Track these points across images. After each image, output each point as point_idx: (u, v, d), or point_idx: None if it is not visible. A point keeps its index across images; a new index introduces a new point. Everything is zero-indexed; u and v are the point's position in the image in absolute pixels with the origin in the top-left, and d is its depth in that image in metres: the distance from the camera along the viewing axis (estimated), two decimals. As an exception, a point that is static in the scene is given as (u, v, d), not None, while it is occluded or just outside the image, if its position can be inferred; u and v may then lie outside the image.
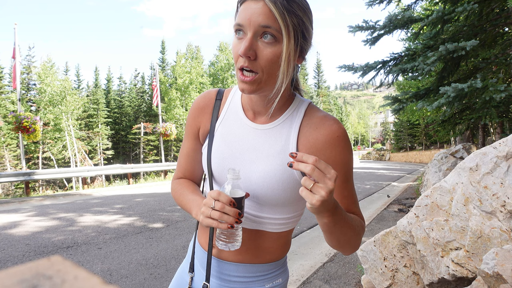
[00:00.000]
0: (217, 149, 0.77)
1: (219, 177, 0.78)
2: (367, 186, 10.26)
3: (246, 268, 0.79)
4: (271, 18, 0.61)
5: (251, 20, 0.62)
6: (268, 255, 0.79)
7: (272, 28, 0.61)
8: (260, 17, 0.61)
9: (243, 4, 0.64)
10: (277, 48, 0.63)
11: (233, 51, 0.67)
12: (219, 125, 0.79)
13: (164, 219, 5.20)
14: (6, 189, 20.67)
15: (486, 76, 5.16)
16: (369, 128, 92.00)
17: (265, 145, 0.73)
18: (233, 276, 0.79)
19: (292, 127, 0.73)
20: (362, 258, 2.35)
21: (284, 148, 0.72)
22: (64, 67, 38.01)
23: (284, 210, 0.75)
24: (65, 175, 10.84)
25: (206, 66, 30.46)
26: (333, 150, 0.70)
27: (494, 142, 1.75)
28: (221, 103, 0.81)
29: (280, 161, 0.71)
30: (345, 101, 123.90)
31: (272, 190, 0.71)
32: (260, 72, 0.65)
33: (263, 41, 0.63)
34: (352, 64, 5.80)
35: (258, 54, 0.63)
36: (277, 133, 0.73)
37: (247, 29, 0.63)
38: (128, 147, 37.30)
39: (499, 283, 1.29)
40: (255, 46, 0.63)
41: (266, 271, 0.80)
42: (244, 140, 0.75)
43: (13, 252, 3.59)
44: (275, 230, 0.77)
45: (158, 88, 15.34)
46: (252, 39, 0.63)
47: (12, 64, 10.74)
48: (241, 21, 0.63)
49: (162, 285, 2.75)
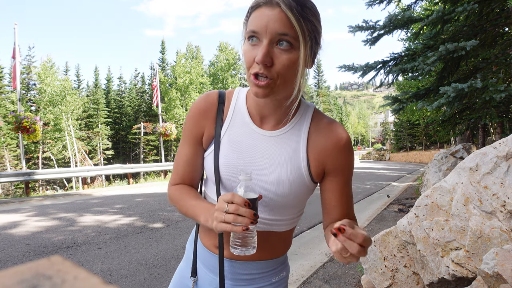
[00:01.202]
0: (226, 156, 0.76)
1: (228, 183, 0.76)
2: (367, 186, 10.26)
3: (254, 265, 0.81)
4: (288, 25, 0.61)
5: (267, 27, 0.61)
6: (274, 252, 0.83)
7: (289, 36, 0.62)
8: (277, 24, 0.61)
9: (256, 10, 0.63)
10: (293, 55, 0.64)
11: (245, 56, 0.66)
12: (225, 131, 0.77)
13: (164, 219, 5.20)
14: (6, 189, 20.68)
15: (486, 76, 5.16)
16: (369, 128, 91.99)
17: (276, 152, 0.74)
18: (241, 274, 0.81)
19: (301, 133, 0.75)
20: (362, 258, 2.35)
21: (294, 154, 0.74)
22: (64, 67, 37.97)
23: (291, 211, 0.79)
24: (65, 175, 10.85)
25: (206, 66, 30.48)
26: (340, 156, 0.74)
27: (494, 142, 1.75)
28: (225, 107, 0.79)
29: (292, 167, 0.73)
30: (345, 101, 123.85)
31: (284, 194, 0.74)
32: (275, 77, 0.65)
33: (279, 47, 0.63)
34: (352, 64, 5.80)
35: (274, 60, 0.63)
36: (287, 140, 0.74)
37: (263, 36, 0.62)
38: (128, 147, 37.30)
39: (499, 283, 1.29)
40: (272, 53, 0.63)
41: (272, 267, 0.83)
42: (254, 148, 0.75)
43: (13, 252, 3.59)
44: (282, 229, 0.80)
45: (158, 88, 15.34)
46: (268, 46, 0.62)
47: (12, 64, 10.74)
48: (256, 28, 0.63)
49: (162, 285, 2.75)
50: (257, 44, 0.64)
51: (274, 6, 0.61)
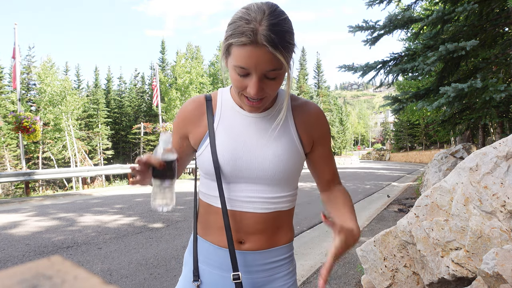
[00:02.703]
0: (223, 143, 0.79)
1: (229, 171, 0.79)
2: (367, 186, 10.26)
3: (268, 254, 0.82)
4: (276, 61, 0.67)
5: (257, 66, 0.67)
6: (283, 236, 0.85)
7: (277, 69, 0.68)
8: (266, 64, 0.66)
9: (241, 48, 0.66)
10: (281, 78, 0.72)
11: (233, 82, 0.72)
12: (218, 122, 0.82)
13: (164, 219, 5.20)
14: (6, 189, 20.67)
15: (486, 76, 5.16)
16: (369, 128, 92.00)
17: (269, 130, 0.81)
18: (257, 265, 0.81)
19: (286, 112, 0.82)
20: (362, 258, 2.35)
21: (286, 129, 0.82)
22: (64, 67, 37.93)
23: (290, 186, 0.84)
24: (65, 175, 10.85)
25: (206, 66, 30.46)
26: (322, 126, 0.86)
27: (494, 142, 1.75)
28: (213, 104, 0.85)
29: (286, 140, 0.81)
30: (345, 101, 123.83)
31: (284, 167, 0.79)
32: (268, 96, 0.74)
33: (268, 78, 0.70)
34: (352, 64, 5.80)
35: (265, 89, 0.71)
36: (275, 119, 0.81)
37: (252, 72, 0.68)
38: (128, 147, 37.28)
39: (499, 283, 1.29)
40: (263, 84, 0.70)
41: (285, 254, 0.86)
42: (248, 129, 0.81)
43: (13, 252, 3.59)
44: (286, 207, 0.84)
45: (158, 88, 15.34)
46: (259, 82, 0.69)
47: (12, 64, 10.74)
48: (245, 65, 0.67)
49: (162, 285, 2.75)
50: (246, 76, 0.69)
51: (260, 47, 0.64)
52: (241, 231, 0.80)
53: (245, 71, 0.68)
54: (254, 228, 0.80)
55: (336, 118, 43.34)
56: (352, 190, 9.28)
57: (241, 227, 0.80)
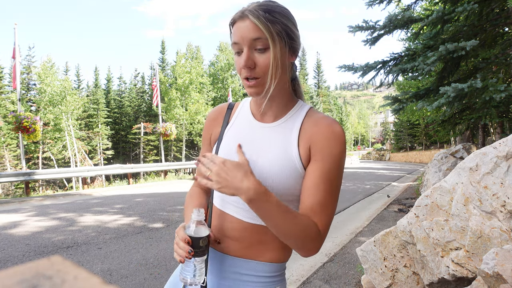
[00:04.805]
0: (227, 145, 0.85)
1: None
2: (367, 186, 10.26)
3: (240, 263, 0.81)
4: (258, 30, 0.72)
5: (243, 37, 0.74)
6: (266, 253, 0.81)
7: (261, 39, 0.73)
8: (249, 32, 0.73)
9: (234, 26, 0.76)
10: (269, 53, 0.75)
11: (236, 67, 0.79)
12: (228, 129, 0.88)
13: (164, 219, 5.20)
14: (6, 189, 20.67)
15: (486, 76, 5.16)
16: (369, 128, 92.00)
17: (270, 138, 0.82)
18: (227, 270, 0.82)
19: (295, 123, 0.82)
20: (362, 258, 2.35)
21: (286, 140, 0.80)
22: (64, 67, 37.97)
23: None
24: (65, 175, 10.85)
25: (206, 66, 30.47)
26: (326, 141, 0.76)
27: (494, 142, 1.75)
28: (232, 112, 0.92)
29: (283, 151, 0.79)
30: (345, 101, 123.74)
31: (278, 177, 0.77)
32: (262, 75, 0.76)
33: (257, 51, 0.75)
34: (352, 64, 5.80)
35: (256, 62, 0.75)
36: (281, 129, 0.82)
37: (243, 45, 0.74)
38: (128, 147, 37.28)
39: (499, 283, 1.29)
40: (253, 57, 0.75)
41: (264, 272, 0.80)
42: (253, 137, 0.84)
43: (13, 252, 3.59)
44: None
45: (158, 88, 15.33)
46: (248, 52, 0.74)
47: (12, 64, 10.74)
48: (236, 39, 0.75)
49: (162, 285, 2.75)
50: (240, 53, 0.76)
51: (245, 19, 0.74)
52: (221, 231, 0.83)
53: (238, 46, 0.75)
54: (233, 233, 0.81)
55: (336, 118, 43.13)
56: (352, 190, 9.29)
57: (222, 228, 0.83)
